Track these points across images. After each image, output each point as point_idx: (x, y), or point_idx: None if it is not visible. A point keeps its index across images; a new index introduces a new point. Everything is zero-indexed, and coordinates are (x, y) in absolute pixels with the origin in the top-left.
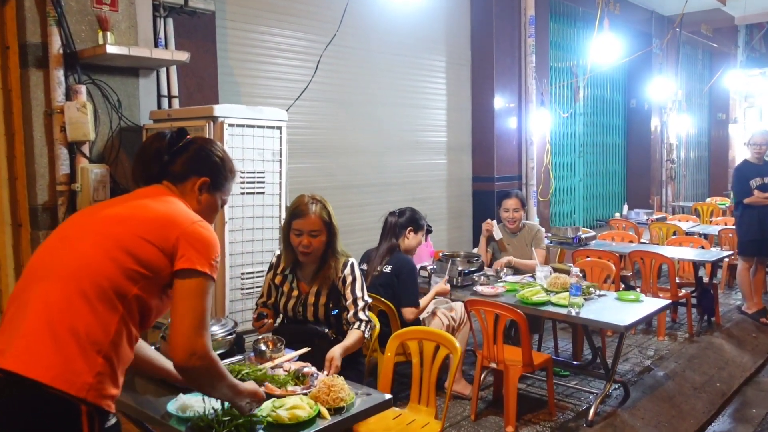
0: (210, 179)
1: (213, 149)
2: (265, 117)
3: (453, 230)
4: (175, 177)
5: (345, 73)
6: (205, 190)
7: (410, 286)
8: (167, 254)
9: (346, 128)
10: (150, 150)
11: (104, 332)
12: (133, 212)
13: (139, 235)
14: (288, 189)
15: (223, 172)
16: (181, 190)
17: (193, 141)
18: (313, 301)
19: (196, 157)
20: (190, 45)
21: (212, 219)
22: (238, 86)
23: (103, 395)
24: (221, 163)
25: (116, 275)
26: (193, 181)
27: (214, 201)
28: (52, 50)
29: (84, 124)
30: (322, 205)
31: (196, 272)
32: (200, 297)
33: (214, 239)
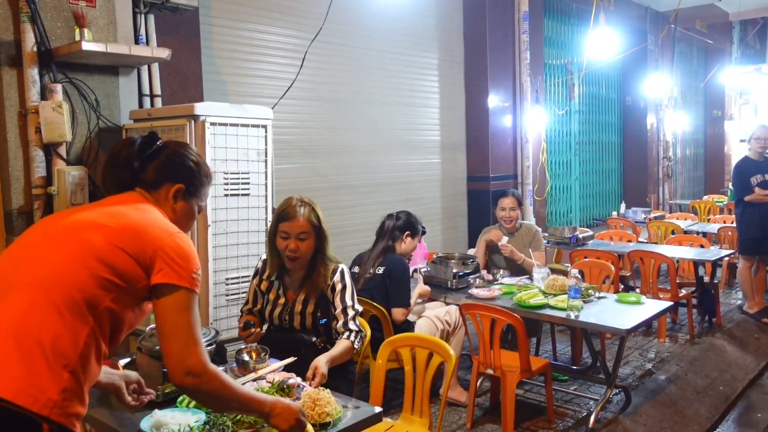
0: (185, 186)
1: (186, 154)
2: (249, 115)
3: (448, 231)
4: (148, 184)
5: (335, 71)
6: (181, 197)
7: (402, 286)
8: (143, 266)
9: (336, 127)
10: (120, 157)
11: (73, 345)
12: (106, 219)
13: (113, 243)
14: (275, 190)
15: (198, 178)
16: (155, 198)
17: (165, 146)
18: (300, 309)
19: (168, 163)
20: (173, 42)
21: (189, 226)
22: (225, 84)
23: (67, 413)
24: (196, 168)
25: (89, 285)
26: (167, 188)
27: (190, 208)
28: (26, 48)
29: (60, 125)
30: (310, 208)
31: (176, 288)
32: (185, 312)
33: (193, 251)
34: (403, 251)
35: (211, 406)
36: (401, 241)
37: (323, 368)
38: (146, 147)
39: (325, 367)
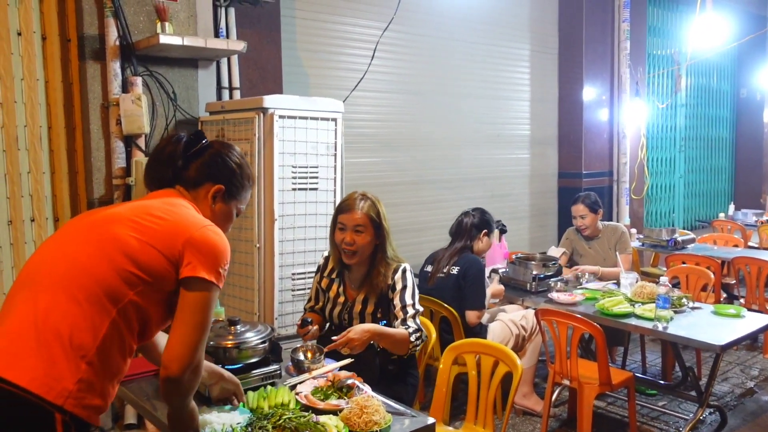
0: (225, 187)
1: (230, 155)
2: (319, 108)
3: (536, 230)
4: (189, 182)
5: (418, 62)
6: (220, 199)
7: (476, 287)
8: (172, 262)
9: (419, 120)
10: (164, 153)
11: (92, 337)
12: (135, 214)
13: (141, 238)
14: (344, 185)
15: (239, 180)
16: (194, 196)
17: (209, 146)
18: (359, 309)
19: (211, 163)
20: (253, 35)
21: (226, 228)
22: (307, 77)
23: (83, 405)
24: (238, 170)
25: (110, 277)
26: (207, 188)
27: (229, 210)
28: (109, 42)
29: (138, 117)
30: (371, 203)
31: (201, 281)
32: (204, 308)
33: (223, 245)
34: (479, 250)
35: (178, 406)
36: (478, 239)
37: (359, 333)
38: (191, 145)
39: (362, 333)
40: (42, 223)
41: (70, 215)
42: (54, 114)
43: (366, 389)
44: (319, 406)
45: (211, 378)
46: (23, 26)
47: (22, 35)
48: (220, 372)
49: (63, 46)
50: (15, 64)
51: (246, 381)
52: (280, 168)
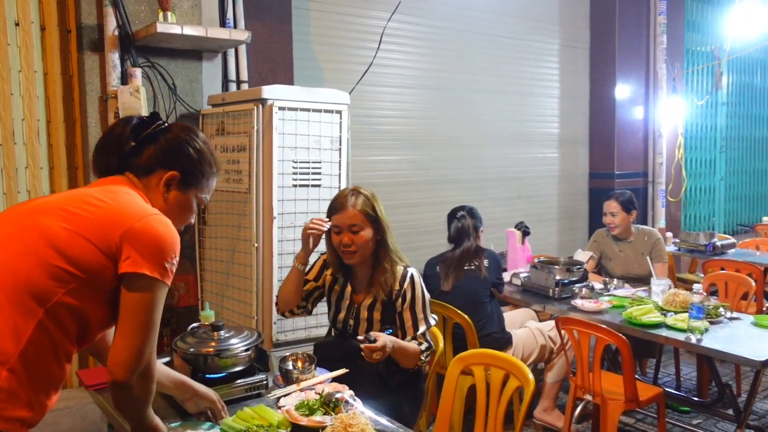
0: (180, 174)
1: (188, 139)
2: (322, 99)
3: (565, 232)
4: (140, 169)
5: (442, 57)
6: (175, 187)
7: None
8: (109, 255)
9: (441, 117)
10: (111, 136)
11: (14, 341)
12: (70, 203)
13: (71, 229)
14: (350, 182)
15: (198, 167)
16: (145, 184)
17: (166, 130)
18: (366, 315)
19: (165, 149)
20: (262, 27)
21: (185, 219)
22: (321, 71)
23: (5, 417)
24: (196, 155)
25: (36, 274)
26: (159, 175)
27: (186, 199)
28: (107, 32)
29: (137, 110)
30: (364, 198)
31: (143, 278)
32: (149, 308)
33: (170, 237)
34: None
35: (136, 421)
36: (477, 238)
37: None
38: (142, 128)
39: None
40: None
41: None
42: (53, 107)
43: (356, 405)
44: (301, 422)
45: (183, 393)
46: (21, 16)
47: (20, 25)
48: (192, 387)
49: (63, 37)
50: (12, 55)
51: (229, 392)
52: (279, 163)
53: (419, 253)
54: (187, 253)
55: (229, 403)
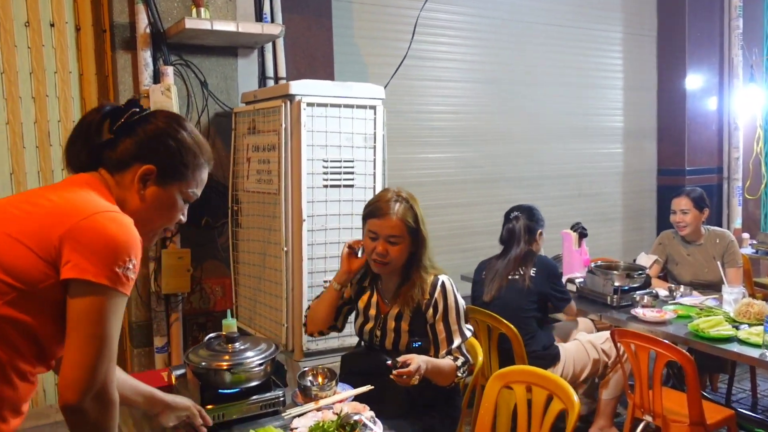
0: (158, 167)
1: (169, 129)
2: (355, 94)
3: (630, 233)
4: (114, 165)
5: (495, 48)
6: (153, 182)
7: (561, 283)
8: (49, 261)
9: (495, 112)
10: (81, 127)
11: None
12: (12, 203)
13: (9, 233)
14: (386, 181)
15: (180, 158)
16: (118, 181)
17: (144, 119)
18: (393, 326)
19: (144, 139)
20: (301, 21)
21: (169, 219)
22: (364, 66)
23: None
24: (176, 146)
25: None
26: (135, 169)
27: (168, 196)
28: (139, 30)
29: (168, 109)
30: (407, 206)
31: (87, 285)
32: (99, 320)
33: (123, 236)
34: (537, 251)
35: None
36: (536, 242)
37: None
38: (115, 117)
39: (422, 364)
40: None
41: None
42: (88, 108)
43: (376, 428)
44: None
45: (153, 407)
46: (56, 17)
47: (55, 26)
48: (162, 399)
49: (98, 37)
50: (47, 56)
51: (243, 408)
52: (308, 162)
53: (469, 255)
54: (222, 255)
55: (244, 421)
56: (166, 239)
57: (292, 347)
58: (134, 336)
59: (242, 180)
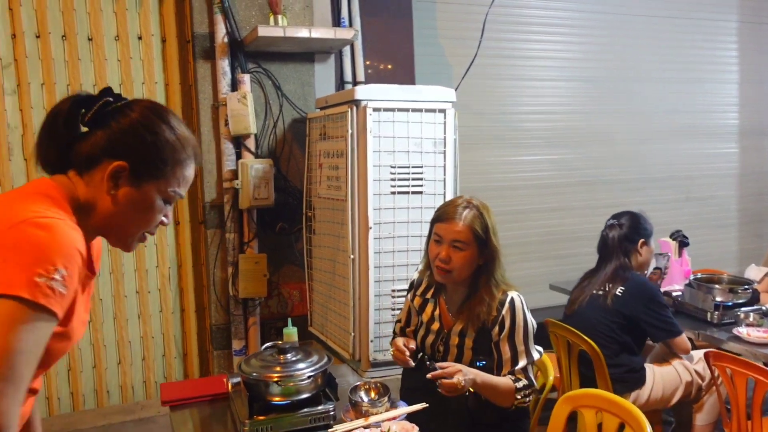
0: (129, 164)
1: (144, 120)
2: (424, 98)
3: (746, 240)
4: (82, 162)
5: (591, 44)
6: (125, 181)
7: (663, 310)
8: None
9: (592, 111)
10: (46, 121)
11: None
12: None
13: None
14: (459, 187)
15: (155, 152)
16: (87, 182)
17: (119, 110)
18: (456, 342)
19: (116, 133)
20: (380, 24)
21: (146, 222)
22: (448, 67)
23: None
24: (152, 140)
25: None
26: (104, 166)
27: (143, 197)
28: (218, 39)
29: (244, 117)
30: (477, 213)
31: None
32: (4, 333)
33: (47, 242)
34: (641, 264)
35: None
36: (636, 253)
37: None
38: (86, 108)
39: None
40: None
41: (189, 219)
42: None
43: None
44: None
45: None
46: (143, 30)
47: (143, 39)
48: None
49: (182, 48)
50: (135, 68)
51: (293, 421)
52: (375, 168)
53: (561, 262)
54: (299, 261)
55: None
56: (244, 244)
57: (359, 357)
58: (214, 338)
59: (315, 186)
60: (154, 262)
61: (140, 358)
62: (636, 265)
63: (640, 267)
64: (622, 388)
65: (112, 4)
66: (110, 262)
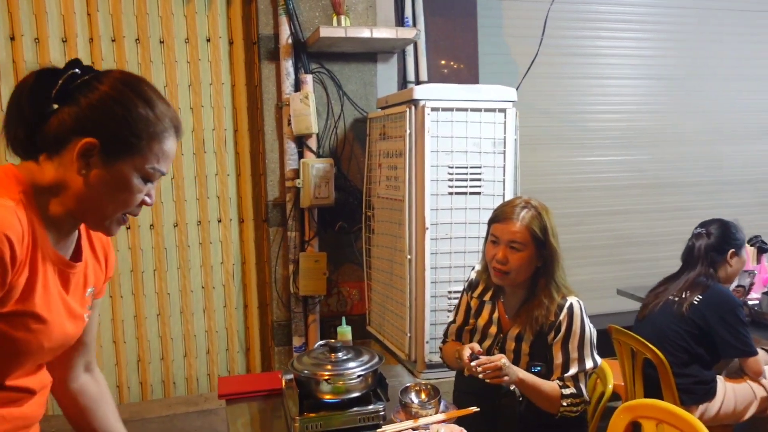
0: (100, 140)
1: (113, 92)
2: (483, 97)
3: None
4: (51, 142)
5: (665, 40)
6: (98, 160)
7: (738, 326)
8: None
9: (664, 111)
10: (11, 100)
11: None
12: None
13: None
14: (519, 187)
15: (129, 128)
16: (57, 165)
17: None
18: (513, 347)
19: (84, 108)
20: (445, 23)
21: (123, 204)
22: (514, 66)
23: None
24: (123, 113)
25: None
26: (73, 145)
27: (117, 176)
28: (282, 41)
29: (306, 117)
30: (535, 213)
31: None
32: None
33: None
34: (729, 276)
35: None
36: (725, 264)
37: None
38: (49, 83)
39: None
40: (227, 224)
41: (253, 217)
42: (239, 117)
43: None
44: None
45: None
46: (211, 32)
47: (211, 41)
48: None
49: (248, 49)
50: (203, 70)
51: (343, 420)
52: (433, 169)
53: (628, 267)
54: (359, 260)
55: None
56: (305, 242)
57: (415, 358)
58: (276, 334)
59: (375, 186)
60: (219, 259)
61: (205, 351)
62: (725, 277)
63: (728, 278)
64: (690, 400)
65: (182, 7)
66: (178, 258)
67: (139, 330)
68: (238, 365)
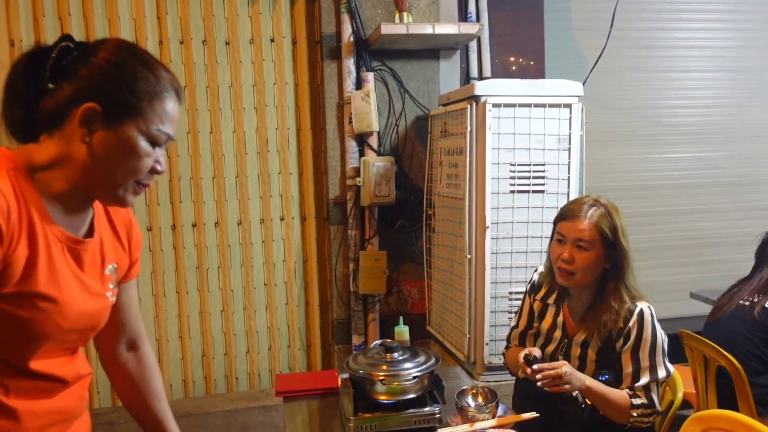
0: (101, 105)
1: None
2: (547, 93)
3: None
4: (51, 119)
5: (746, 30)
6: (99, 125)
7: None
8: None
9: (743, 105)
10: (6, 81)
11: None
12: None
13: None
14: (584, 186)
15: (128, 88)
16: (58, 141)
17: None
18: (579, 353)
19: (83, 79)
20: (509, 17)
21: (131, 170)
22: (583, 60)
23: None
24: (120, 74)
25: None
26: (74, 116)
27: (123, 139)
28: (344, 39)
29: (367, 114)
30: (604, 212)
31: None
32: None
33: None
34: None
35: None
36: None
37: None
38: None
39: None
40: (289, 222)
41: (315, 215)
42: (302, 116)
43: None
44: None
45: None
46: (275, 32)
47: (275, 41)
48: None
49: (311, 48)
50: (267, 69)
51: (398, 421)
52: (494, 166)
53: (704, 269)
54: (420, 259)
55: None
56: (365, 241)
57: (474, 359)
58: (336, 332)
59: (436, 184)
60: (282, 257)
61: (267, 347)
62: None
63: None
64: (766, 411)
65: (248, 8)
66: (241, 255)
67: (203, 326)
68: (299, 362)
